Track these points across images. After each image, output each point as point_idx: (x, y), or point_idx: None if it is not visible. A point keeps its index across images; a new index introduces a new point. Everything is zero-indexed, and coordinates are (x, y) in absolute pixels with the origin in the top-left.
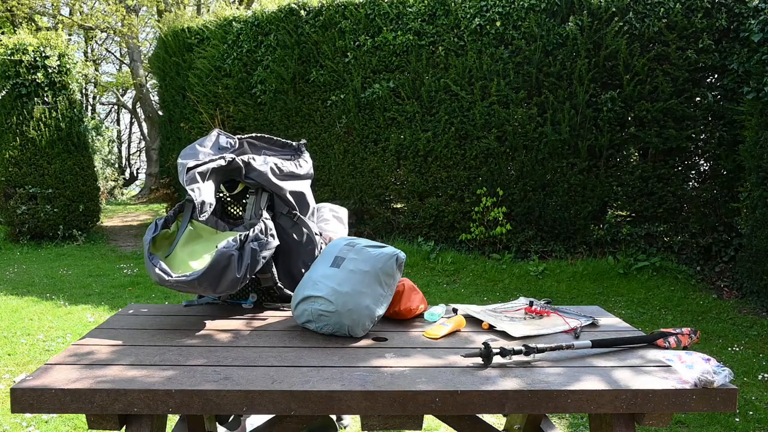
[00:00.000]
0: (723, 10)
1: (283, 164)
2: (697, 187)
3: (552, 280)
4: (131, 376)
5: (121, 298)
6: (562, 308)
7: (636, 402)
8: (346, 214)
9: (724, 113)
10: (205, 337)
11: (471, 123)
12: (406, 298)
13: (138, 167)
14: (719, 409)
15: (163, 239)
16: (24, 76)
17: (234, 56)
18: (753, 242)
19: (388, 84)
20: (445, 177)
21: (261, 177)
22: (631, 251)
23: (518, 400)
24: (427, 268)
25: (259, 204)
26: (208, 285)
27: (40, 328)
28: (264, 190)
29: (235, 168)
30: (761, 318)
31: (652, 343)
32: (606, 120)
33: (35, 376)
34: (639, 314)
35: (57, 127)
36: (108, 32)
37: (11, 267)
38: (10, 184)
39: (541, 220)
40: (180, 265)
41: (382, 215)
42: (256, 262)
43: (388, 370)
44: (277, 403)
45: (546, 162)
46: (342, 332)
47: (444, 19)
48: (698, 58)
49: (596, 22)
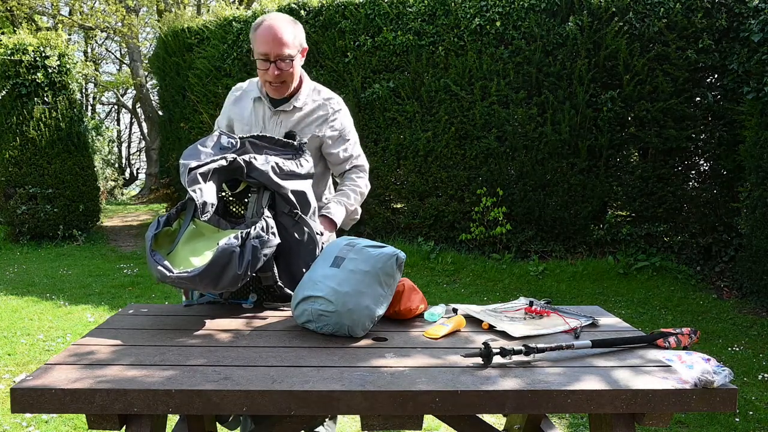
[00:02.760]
0: (723, 10)
1: (285, 163)
2: (697, 187)
3: (552, 280)
4: (131, 376)
5: (121, 298)
6: (562, 308)
7: (636, 402)
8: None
9: (724, 113)
10: (205, 337)
11: (471, 123)
12: (406, 298)
13: (138, 167)
14: (719, 409)
15: (165, 236)
16: (24, 76)
17: (234, 56)
18: (753, 242)
19: (388, 84)
20: (445, 177)
21: (262, 176)
22: (631, 251)
23: (518, 400)
24: (427, 268)
25: (261, 203)
26: (209, 281)
27: (40, 328)
28: (266, 189)
29: (236, 168)
30: (761, 318)
31: (652, 343)
32: (606, 120)
33: (35, 376)
34: (639, 314)
35: (57, 127)
36: (108, 32)
37: (11, 267)
38: (10, 184)
39: (541, 220)
40: (182, 262)
41: (382, 215)
42: (257, 259)
43: (388, 370)
44: (277, 403)
45: (546, 162)
46: (342, 332)
47: (444, 19)
48: (698, 58)
49: (596, 22)
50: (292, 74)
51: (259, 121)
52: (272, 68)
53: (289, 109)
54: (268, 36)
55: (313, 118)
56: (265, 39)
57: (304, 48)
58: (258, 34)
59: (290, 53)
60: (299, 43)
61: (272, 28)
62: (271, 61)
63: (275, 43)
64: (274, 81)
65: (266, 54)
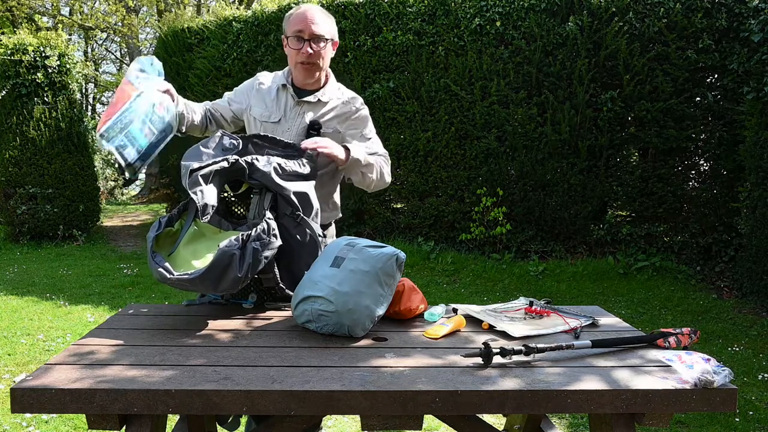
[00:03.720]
0: (723, 10)
1: (287, 164)
2: (697, 187)
3: (552, 280)
4: (131, 376)
5: (121, 298)
6: (562, 308)
7: (636, 402)
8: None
9: (724, 113)
10: (206, 337)
11: (471, 123)
12: (406, 298)
13: None
14: (719, 409)
15: (167, 237)
16: (24, 76)
17: (234, 56)
18: (753, 242)
19: (388, 84)
20: (445, 177)
21: (264, 177)
22: (631, 251)
23: (518, 400)
24: (427, 268)
25: (263, 204)
26: (210, 284)
27: (40, 328)
28: (268, 191)
29: (238, 169)
30: (761, 318)
31: (652, 343)
32: (606, 120)
33: (35, 376)
34: (639, 314)
35: (57, 127)
36: (108, 32)
37: (11, 267)
38: (10, 184)
39: (541, 220)
40: (182, 263)
41: (382, 215)
42: (258, 261)
43: (388, 370)
44: (277, 403)
45: (546, 162)
46: (342, 332)
47: (444, 19)
48: (698, 58)
49: (596, 22)
50: (323, 58)
51: (281, 108)
52: (306, 46)
53: (313, 101)
54: (304, 15)
55: (336, 114)
56: (301, 17)
57: (336, 41)
58: (294, 14)
59: (324, 35)
60: (333, 33)
61: (310, 10)
62: (305, 39)
63: (311, 21)
64: (306, 61)
65: (301, 31)
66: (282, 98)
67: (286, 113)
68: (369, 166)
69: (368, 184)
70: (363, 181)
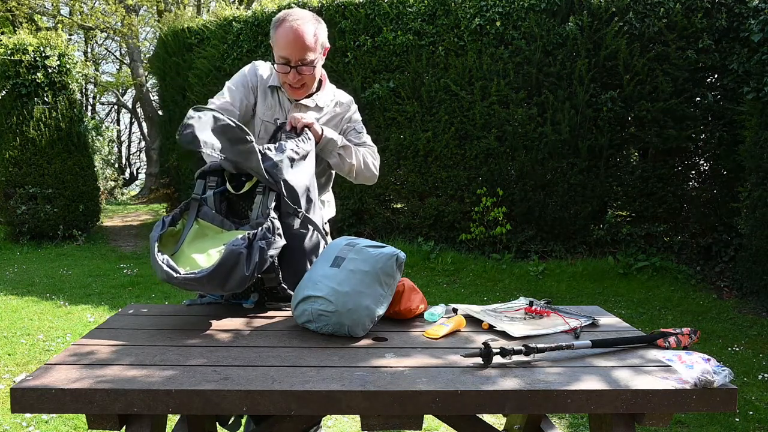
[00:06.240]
0: (723, 10)
1: (299, 146)
2: (697, 187)
3: (552, 280)
4: (131, 376)
5: (121, 298)
6: (562, 308)
7: (636, 402)
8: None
9: (724, 113)
10: (206, 337)
11: (471, 123)
12: (406, 298)
13: (138, 167)
14: (719, 409)
15: (169, 237)
16: (24, 76)
17: (234, 56)
18: (753, 242)
19: (388, 84)
20: (445, 177)
21: (275, 168)
22: (631, 251)
23: (518, 400)
24: (427, 268)
25: (267, 204)
26: (217, 283)
27: (40, 328)
28: (271, 191)
29: (249, 151)
30: (761, 318)
31: (652, 343)
32: (606, 120)
33: (35, 376)
34: (639, 314)
35: (57, 127)
36: (108, 32)
37: (11, 267)
38: (10, 184)
39: (541, 220)
40: (187, 263)
41: (382, 215)
42: (264, 260)
43: (388, 370)
44: (277, 403)
45: (546, 162)
46: (342, 332)
47: (444, 19)
48: (698, 58)
49: (596, 22)
50: (313, 77)
51: (283, 110)
52: (293, 73)
53: (311, 105)
54: (290, 39)
55: (332, 116)
56: (286, 42)
57: (326, 48)
58: (279, 34)
59: (312, 58)
60: (322, 44)
61: (295, 31)
62: (291, 66)
63: (297, 47)
64: (294, 84)
65: (287, 59)
66: (281, 99)
67: (286, 114)
68: (347, 149)
69: (348, 170)
70: (342, 166)
